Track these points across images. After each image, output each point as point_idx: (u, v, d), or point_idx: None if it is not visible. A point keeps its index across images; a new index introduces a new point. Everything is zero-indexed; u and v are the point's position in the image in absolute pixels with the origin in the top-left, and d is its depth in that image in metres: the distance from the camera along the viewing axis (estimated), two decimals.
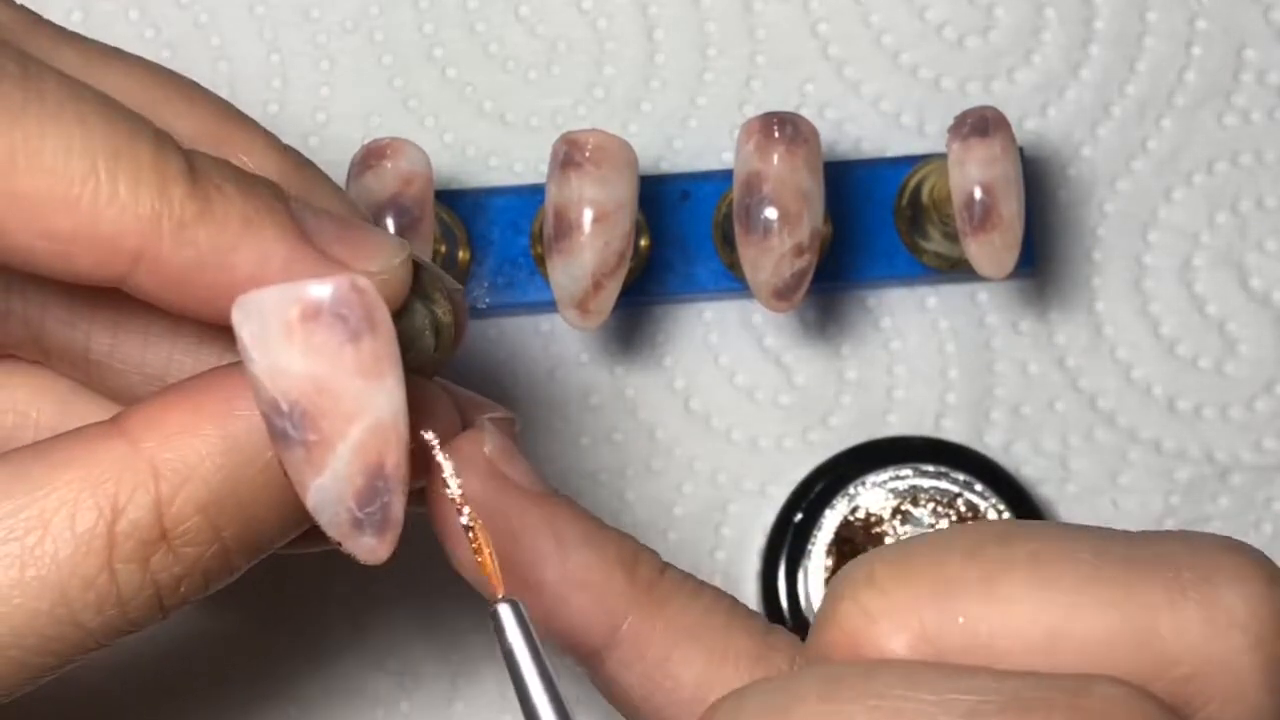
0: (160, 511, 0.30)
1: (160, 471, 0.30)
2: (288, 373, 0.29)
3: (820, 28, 0.48)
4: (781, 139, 0.42)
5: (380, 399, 0.29)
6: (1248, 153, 0.47)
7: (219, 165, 0.31)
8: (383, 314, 0.29)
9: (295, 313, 0.29)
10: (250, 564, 0.31)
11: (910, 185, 0.46)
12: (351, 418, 0.29)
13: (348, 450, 0.29)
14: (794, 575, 0.44)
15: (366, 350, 0.29)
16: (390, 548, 0.30)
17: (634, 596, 0.32)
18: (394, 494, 0.30)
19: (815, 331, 0.47)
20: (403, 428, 0.29)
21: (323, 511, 0.30)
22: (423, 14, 0.48)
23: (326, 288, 0.29)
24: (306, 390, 0.29)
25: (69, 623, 0.30)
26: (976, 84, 0.47)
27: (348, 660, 0.46)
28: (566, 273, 0.42)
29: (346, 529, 0.30)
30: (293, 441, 0.29)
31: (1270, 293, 0.47)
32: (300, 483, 0.30)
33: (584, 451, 0.47)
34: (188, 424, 0.30)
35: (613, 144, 0.42)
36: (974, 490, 0.44)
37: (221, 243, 0.30)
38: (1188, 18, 0.48)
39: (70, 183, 0.29)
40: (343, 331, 0.29)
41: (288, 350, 0.29)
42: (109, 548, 0.30)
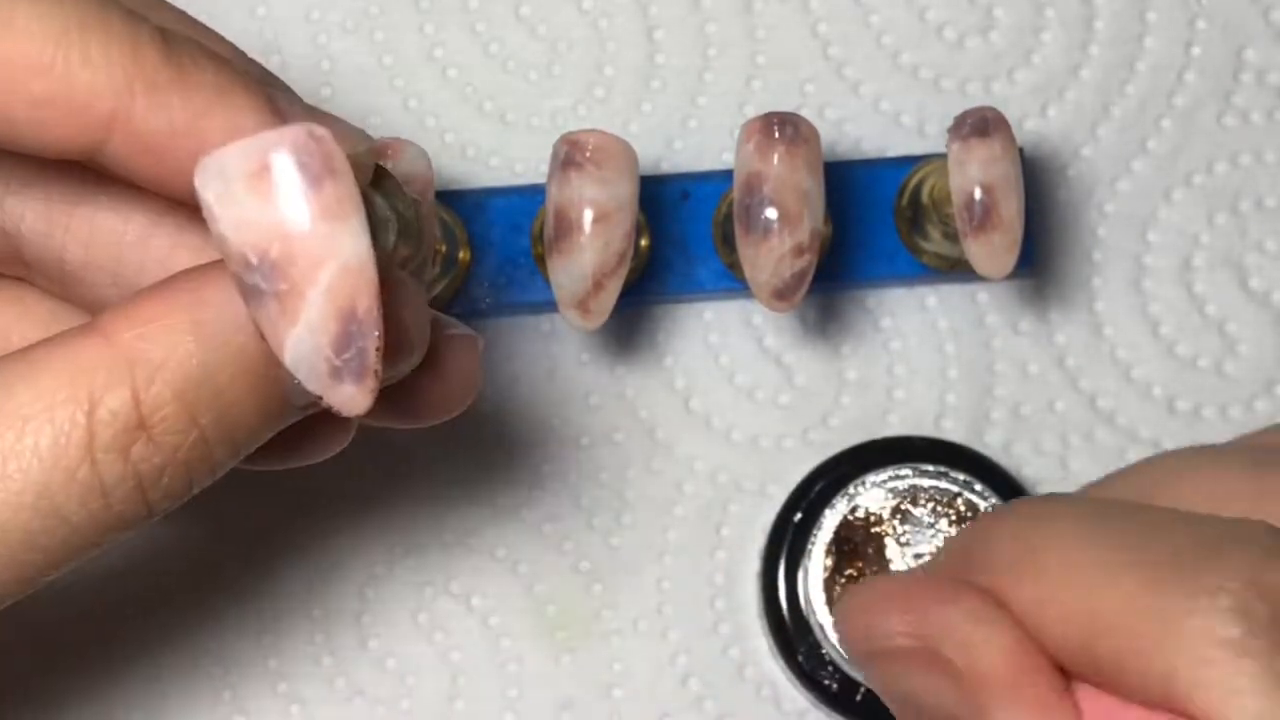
0: (137, 399, 0.30)
1: (135, 360, 0.30)
2: (253, 223, 0.29)
3: (820, 28, 0.48)
4: (782, 139, 0.42)
5: (346, 241, 0.29)
6: (1248, 153, 0.47)
7: (192, 41, 0.31)
8: (341, 160, 0.29)
9: (255, 163, 0.29)
10: (233, 460, 0.32)
11: (910, 185, 0.46)
12: (320, 262, 0.29)
13: (319, 295, 0.29)
14: (794, 575, 0.45)
15: (329, 193, 0.29)
16: (369, 396, 0.30)
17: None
18: (368, 338, 0.30)
19: (815, 331, 0.47)
20: (371, 271, 0.30)
21: (300, 363, 0.30)
22: (423, 14, 0.48)
23: (284, 135, 0.29)
24: (272, 239, 0.29)
25: (53, 516, 0.30)
26: (976, 84, 0.48)
27: (348, 660, 0.46)
28: (567, 273, 0.42)
29: (325, 379, 0.30)
30: (265, 296, 0.29)
31: (1270, 293, 0.47)
32: (276, 339, 0.30)
33: (584, 451, 0.47)
34: (160, 313, 0.30)
35: (613, 144, 0.42)
36: (974, 490, 0.44)
37: (195, 108, 0.30)
38: (1188, 18, 0.48)
39: (43, 47, 0.30)
40: (303, 177, 0.29)
41: (251, 201, 0.29)
42: (89, 438, 0.30)
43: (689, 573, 0.46)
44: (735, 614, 0.46)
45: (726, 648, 0.46)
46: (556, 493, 0.46)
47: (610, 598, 0.46)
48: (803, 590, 0.44)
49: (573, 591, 0.46)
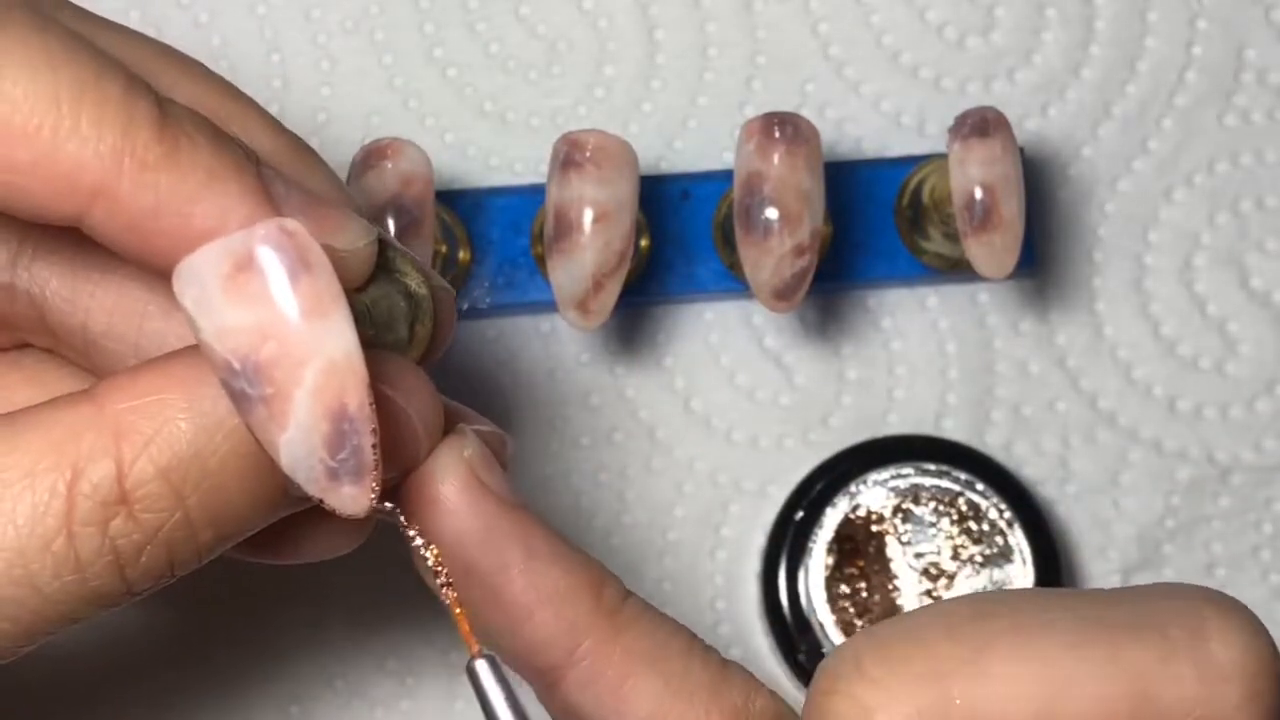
0: (121, 473, 0.29)
1: (123, 433, 0.29)
2: (232, 328, 0.28)
3: (821, 28, 0.48)
4: (782, 139, 0.42)
5: (329, 339, 0.29)
6: (1248, 153, 0.47)
7: (193, 116, 0.30)
8: (318, 254, 0.29)
9: (228, 265, 0.28)
10: (221, 545, 0.31)
11: (911, 185, 0.46)
12: (303, 361, 0.28)
13: (306, 396, 0.29)
14: (794, 575, 0.44)
15: (305, 290, 0.28)
16: (369, 494, 0.29)
17: (597, 618, 0.32)
18: (363, 435, 0.29)
19: (816, 332, 0.47)
20: (359, 366, 0.29)
21: (297, 468, 0.29)
22: (423, 14, 0.48)
23: (255, 233, 0.28)
24: (253, 342, 0.28)
25: (26, 585, 0.29)
26: (977, 84, 0.47)
27: (348, 660, 0.46)
28: (567, 273, 0.42)
29: (324, 481, 0.29)
30: (253, 401, 0.29)
31: (1271, 293, 0.47)
32: (270, 444, 0.29)
33: (584, 451, 0.47)
34: (154, 388, 0.30)
35: (613, 144, 0.42)
36: (975, 490, 0.44)
37: (183, 191, 0.30)
38: (1188, 17, 0.48)
39: (30, 113, 0.29)
40: (279, 274, 0.28)
41: (227, 306, 0.28)
42: (68, 509, 0.29)
43: (689, 573, 0.46)
44: (735, 614, 0.46)
45: (726, 648, 0.46)
46: (556, 493, 0.46)
47: None
48: (803, 590, 0.44)
49: None
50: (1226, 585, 0.46)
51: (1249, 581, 0.46)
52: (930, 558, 0.44)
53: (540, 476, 0.46)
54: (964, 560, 0.44)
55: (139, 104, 0.30)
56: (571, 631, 0.32)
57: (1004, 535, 0.44)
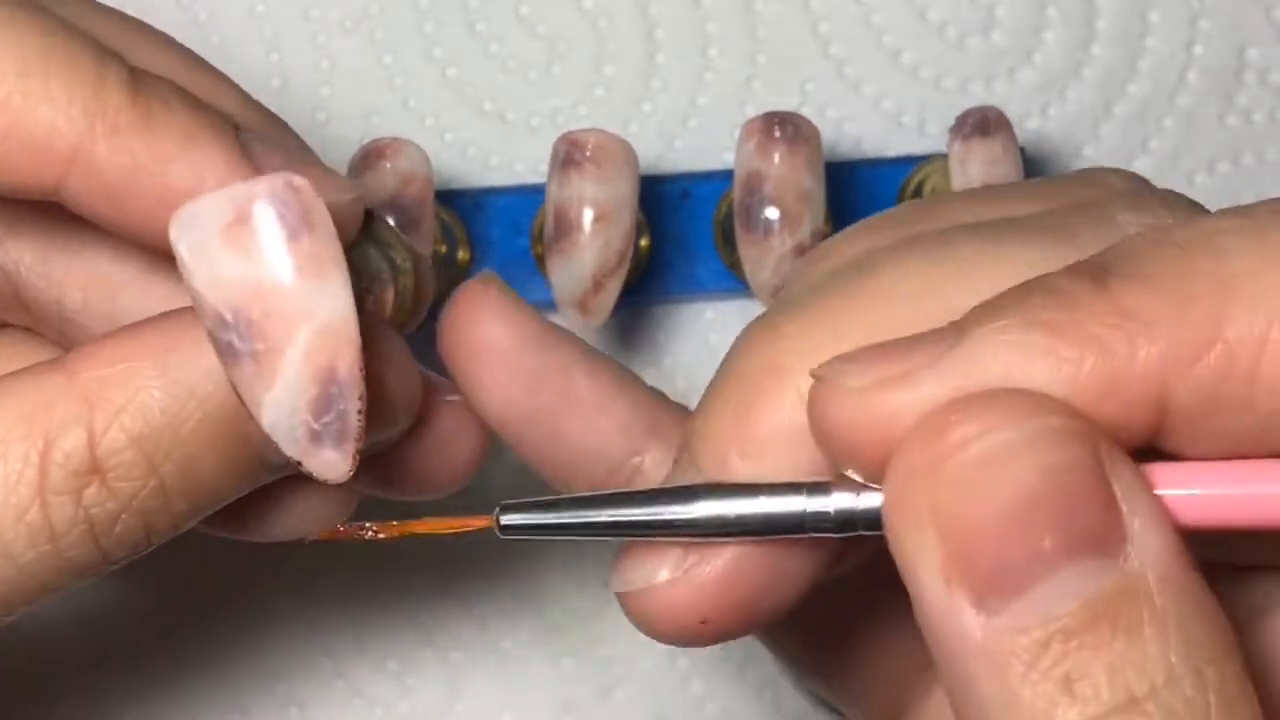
0: (93, 442, 0.29)
1: (95, 402, 0.29)
2: (228, 279, 0.28)
3: (821, 28, 0.48)
4: (782, 139, 0.42)
5: (325, 300, 0.28)
6: (1250, 153, 0.47)
7: (166, 83, 0.30)
8: (321, 213, 0.28)
9: (230, 215, 0.28)
10: (196, 515, 0.31)
11: (911, 185, 0.45)
12: (297, 320, 0.28)
13: (297, 355, 0.28)
14: None
15: (306, 248, 0.28)
16: (350, 462, 0.29)
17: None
18: (349, 400, 0.29)
19: None
20: (353, 331, 0.29)
21: (278, 428, 0.29)
22: (423, 14, 0.48)
23: (260, 186, 0.28)
24: (248, 295, 0.28)
25: (1, 555, 0.29)
26: (978, 83, 0.47)
27: (348, 661, 0.46)
28: (567, 272, 0.42)
29: (305, 444, 0.29)
30: (240, 355, 0.28)
31: None
32: (253, 400, 0.29)
33: None
34: (126, 356, 0.30)
35: (613, 144, 0.42)
36: None
37: (159, 153, 0.29)
38: (1189, 17, 0.48)
39: (4, 75, 0.29)
40: (280, 230, 0.28)
41: (226, 255, 0.28)
42: (41, 478, 0.29)
43: None
44: None
45: (727, 648, 0.46)
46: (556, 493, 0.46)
47: (610, 598, 0.46)
48: None
49: (573, 592, 0.46)
50: None
51: None
52: None
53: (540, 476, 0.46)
54: None
55: (109, 70, 0.30)
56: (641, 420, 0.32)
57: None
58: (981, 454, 0.25)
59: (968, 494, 0.25)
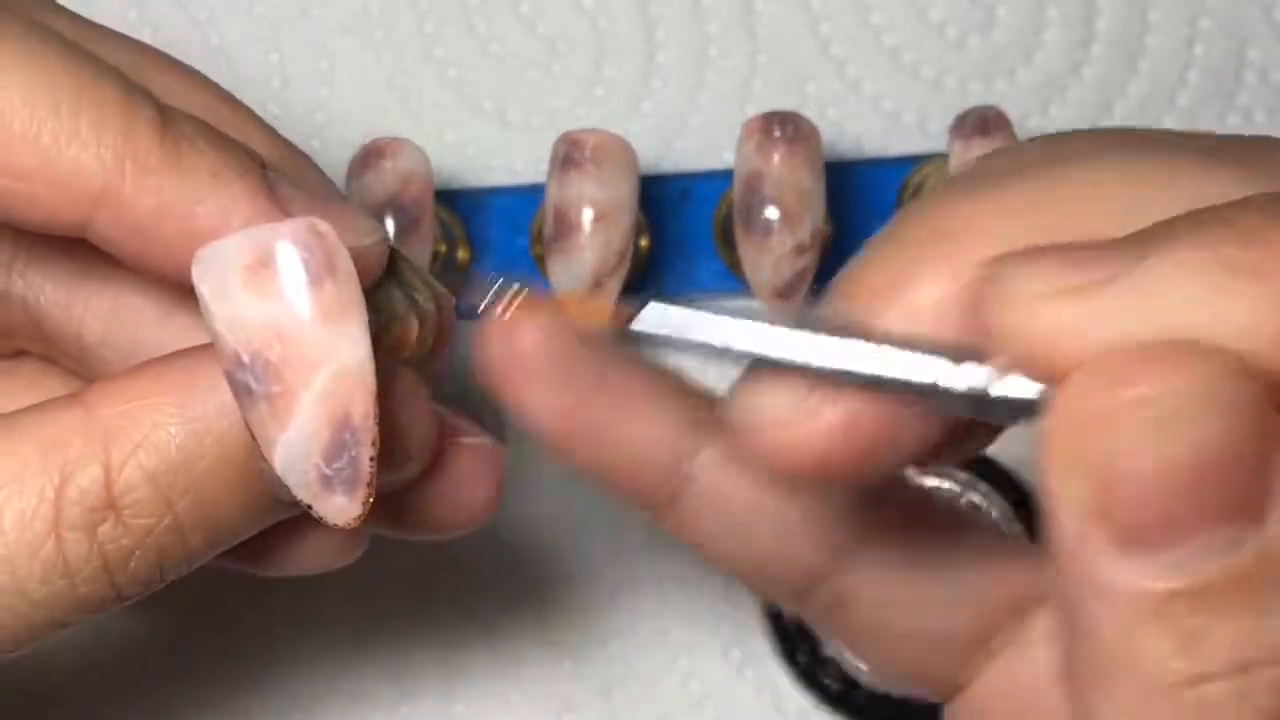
0: (109, 479, 0.29)
1: (111, 438, 0.29)
2: (247, 321, 0.28)
3: (821, 27, 0.48)
4: (782, 138, 0.42)
5: (344, 346, 0.28)
6: None
7: (194, 121, 0.30)
8: (344, 258, 0.29)
9: (253, 257, 0.28)
10: (210, 551, 0.31)
11: (912, 185, 0.45)
12: (315, 365, 0.28)
13: (312, 399, 0.28)
14: None
15: (328, 294, 0.28)
16: (361, 507, 0.29)
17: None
18: (362, 447, 0.29)
19: None
20: (369, 378, 0.29)
21: (290, 470, 0.29)
22: (423, 14, 0.48)
23: (284, 229, 0.28)
24: (267, 338, 0.28)
25: (14, 592, 0.29)
26: (978, 83, 0.47)
27: (348, 663, 0.46)
28: (567, 272, 0.42)
29: (316, 488, 0.29)
30: (256, 397, 0.29)
31: None
32: (266, 442, 0.29)
33: None
34: (144, 392, 0.30)
35: (613, 144, 0.42)
36: (976, 490, 0.44)
37: (186, 193, 0.29)
38: (1189, 17, 0.48)
39: (30, 119, 0.29)
40: (302, 274, 0.28)
41: (246, 297, 0.28)
42: (55, 514, 0.29)
43: (689, 573, 0.46)
44: (735, 614, 0.46)
45: (726, 648, 0.46)
46: (557, 493, 0.46)
47: (610, 599, 0.46)
48: None
49: (573, 592, 0.46)
50: None
51: None
52: None
53: (540, 476, 0.46)
54: None
55: (139, 108, 0.30)
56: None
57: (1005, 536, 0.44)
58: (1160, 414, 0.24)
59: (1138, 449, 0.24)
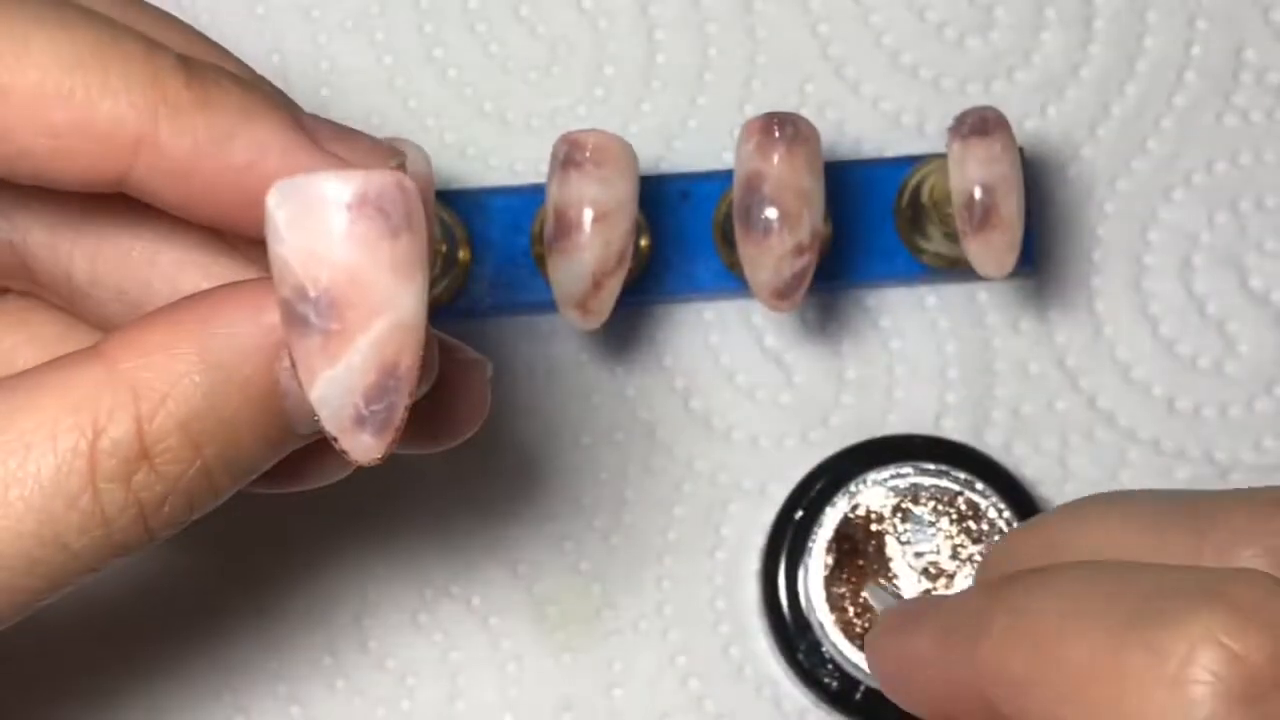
0: (140, 429, 0.30)
1: (139, 390, 0.30)
2: (324, 258, 0.29)
3: (820, 28, 0.48)
4: (782, 139, 0.42)
5: (408, 299, 0.29)
6: (1247, 153, 0.47)
7: (214, 65, 0.31)
8: (420, 216, 0.29)
9: (344, 198, 0.29)
10: (235, 487, 0.32)
11: (910, 185, 0.46)
12: (377, 312, 0.29)
13: (367, 344, 0.29)
14: (794, 574, 0.45)
15: (404, 247, 0.29)
16: (385, 450, 0.30)
17: None
18: (401, 395, 0.30)
19: (815, 331, 0.47)
20: (421, 333, 0.30)
21: (328, 403, 0.30)
22: (423, 14, 0.48)
23: (376, 180, 0.29)
24: (339, 278, 0.29)
25: (54, 544, 0.30)
26: (976, 84, 0.48)
27: (349, 660, 0.46)
28: (567, 272, 0.42)
29: (349, 424, 0.30)
30: (311, 329, 0.29)
31: (1270, 293, 0.47)
32: (310, 373, 0.29)
33: (584, 451, 0.47)
34: (165, 343, 0.30)
35: (613, 144, 0.42)
36: (974, 489, 0.44)
37: (219, 131, 0.30)
38: (1187, 18, 0.48)
39: (61, 77, 0.30)
40: (384, 225, 0.29)
41: (329, 236, 0.29)
42: (91, 467, 0.30)
43: (689, 573, 0.46)
44: (735, 614, 0.46)
45: (726, 648, 0.46)
46: (556, 492, 0.46)
47: (610, 598, 0.46)
48: (803, 589, 0.44)
49: (573, 591, 0.46)
50: None
51: None
52: (930, 557, 0.44)
53: (540, 476, 0.46)
54: (964, 559, 0.44)
55: (161, 56, 0.30)
56: None
57: (1003, 534, 0.44)
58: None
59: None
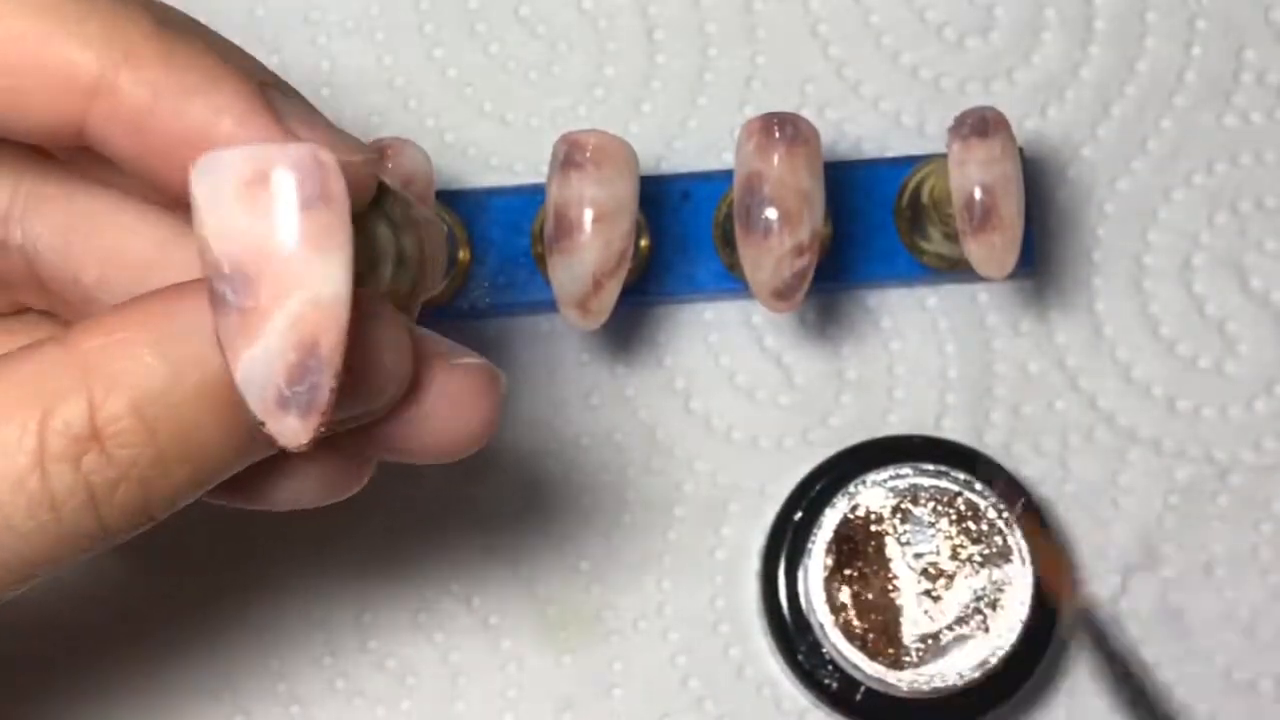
0: (92, 409, 0.29)
1: (93, 371, 0.30)
2: (234, 233, 0.28)
3: (820, 28, 0.48)
4: (782, 139, 0.42)
5: (325, 273, 0.28)
6: (1248, 153, 0.47)
7: (190, 24, 0.31)
8: (340, 190, 0.29)
9: (251, 172, 0.28)
10: (196, 485, 0.31)
11: (910, 185, 0.46)
12: (291, 288, 0.28)
13: (283, 321, 0.28)
14: (794, 575, 0.45)
15: (318, 220, 0.28)
16: (312, 433, 0.29)
17: None
18: (324, 375, 0.29)
19: (815, 331, 0.47)
20: (343, 311, 0.29)
21: (251, 384, 0.29)
22: (423, 14, 0.48)
23: (288, 151, 0.28)
24: (250, 253, 0.28)
25: (2, 526, 0.29)
26: (976, 84, 0.48)
27: (349, 660, 0.46)
28: (567, 272, 0.42)
29: (272, 405, 0.29)
30: (229, 307, 0.29)
31: (1270, 293, 0.47)
32: (232, 352, 0.29)
33: (584, 451, 0.47)
34: (125, 326, 0.30)
35: (613, 144, 0.42)
36: (974, 489, 0.44)
37: (180, 87, 0.30)
38: (1188, 18, 0.48)
39: (21, 15, 0.29)
40: (296, 197, 0.28)
41: (238, 209, 0.28)
42: (40, 446, 0.29)
43: (689, 573, 0.46)
44: (735, 614, 0.46)
45: (726, 648, 0.46)
46: (557, 493, 0.46)
47: (610, 598, 0.46)
48: (803, 590, 0.44)
49: (573, 591, 0.46)
50: (1225, 585, 0.46)
51: (1248, 581, 0.46)
52: (929, 558, 0.44)
53: (541, 477, 0.46)
54: (963, 560, 0.44)
55: (131, 8, 0.30)
56: None
57: (1003, 535, 0.44)
58: None
59: None
